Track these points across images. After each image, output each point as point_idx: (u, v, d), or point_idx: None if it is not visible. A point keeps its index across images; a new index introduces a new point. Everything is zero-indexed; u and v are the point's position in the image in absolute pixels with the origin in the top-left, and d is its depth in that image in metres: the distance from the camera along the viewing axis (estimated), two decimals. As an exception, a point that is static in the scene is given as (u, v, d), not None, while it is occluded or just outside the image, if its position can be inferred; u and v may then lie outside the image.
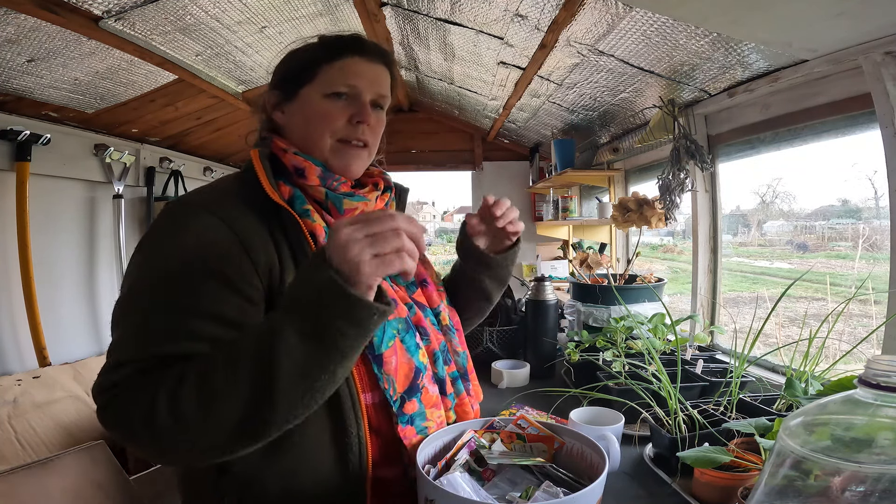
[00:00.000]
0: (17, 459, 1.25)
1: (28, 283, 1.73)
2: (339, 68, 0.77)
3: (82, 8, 1.25)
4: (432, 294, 0.86)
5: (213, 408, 0.55)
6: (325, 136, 0.77)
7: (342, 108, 0.78)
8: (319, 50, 0.79)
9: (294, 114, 0.80)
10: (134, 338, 0.62)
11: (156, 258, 0.66)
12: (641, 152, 2.11)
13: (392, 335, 0.72)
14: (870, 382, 0.41)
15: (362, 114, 0.78)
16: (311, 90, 0.78)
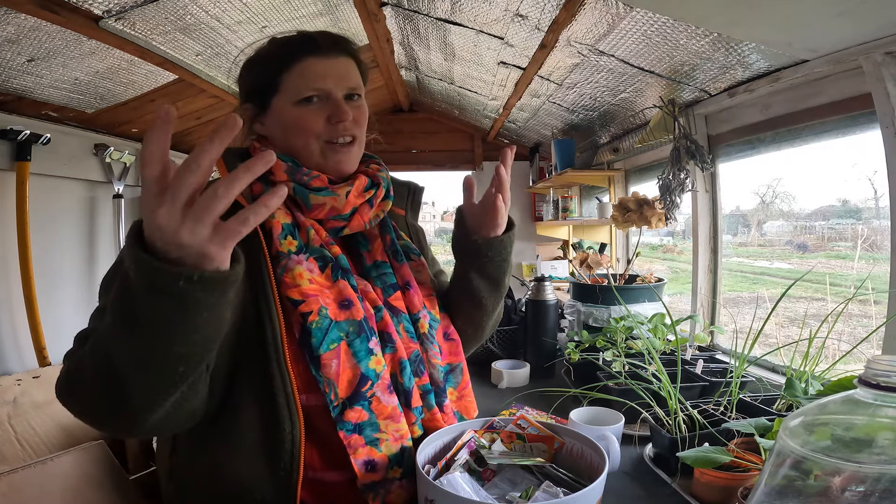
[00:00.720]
0: (17, 459, 1.25)
1: (28, 283, 1.73)
2: (300, 73, 0.76)
3: (82, 8, 1.25)
4: (413, 298, 0.82)
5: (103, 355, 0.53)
6: (310, 142, 0.77)
7: (316, 111, 0.76)
8: (273, 59, 0.78)
9: (272, 125, 0.79)
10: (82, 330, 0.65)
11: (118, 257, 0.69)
12: (641, 152, 2.11)
13: (337, 337, 0.69)
14: (870, 382, 0.41)
15: (338, 114, 0.76)
16: (280, 100, 0.77)
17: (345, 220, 0.78)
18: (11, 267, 1.73)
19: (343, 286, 0.74)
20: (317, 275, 0.73)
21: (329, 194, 0.76)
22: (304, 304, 0.69)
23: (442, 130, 3.63)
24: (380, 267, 0.83)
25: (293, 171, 0.75)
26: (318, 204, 0.76)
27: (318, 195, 0.75)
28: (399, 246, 0.86)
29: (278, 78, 0.76)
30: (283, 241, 0.72)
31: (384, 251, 0.84)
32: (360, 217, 0.80)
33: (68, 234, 2.06)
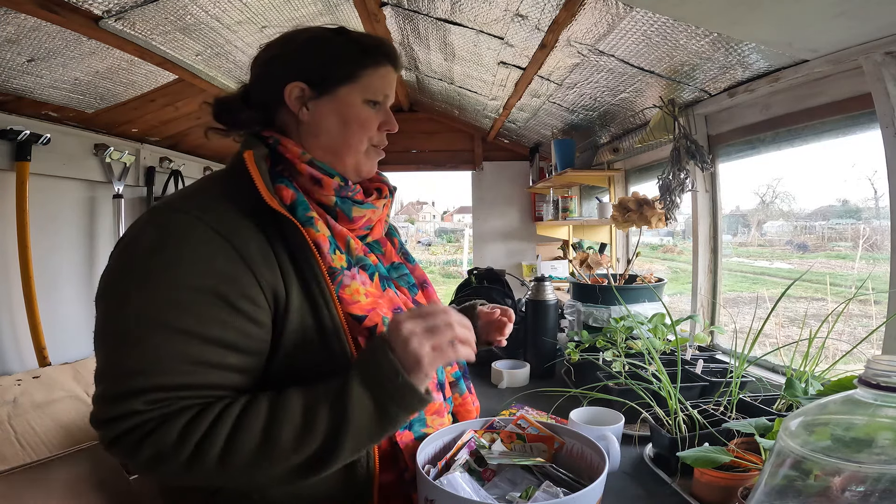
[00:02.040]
0: (17, 459, 1.25)
1: (28, 283, 1.73)
2: (381, 76, 0.78)
3: (82, 8, 1.25)
4: (432, 295, 0.88)
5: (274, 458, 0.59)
6: (363, 142, 0.78)
7: (375, 115, 0.79)
8: (360, 52, 0.77)
9: (327, 113, 0.76)
10: (137, 367, 0.59)
11: (153, 278, 0.61)
12: (641, 152, 2.11)
13: None
14: (870, 382, 0.41)
15: (391, 124, 0.80)
16: (351, 91, 0.76)
17: (369, 229, 0.81)
18: (11, 267, 1.73)
19: (392, 294, 0.78)
20: (369, 286, 0.74)
21: (370, 207, 0.78)
22: (367, 318, 0.69)
23: (442, 130, 3.62)
24: (398, 268, 0.87)
25: (341, 189, 0.75)
26: (359, 216, 0.77)
27: (362, 208, 0.77)
28: (406, 248, 0.92)
29: (361, 71, 0.76)
30: (333, 255, 0.70)
31: (397, 253, 0.89)
32: (380, 225, 0.84)
33: (68, 234, 2.06)
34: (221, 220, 0.64)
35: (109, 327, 0.62)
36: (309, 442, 0.59)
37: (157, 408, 0.58)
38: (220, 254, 0.62)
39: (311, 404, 0.61)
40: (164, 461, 0.58)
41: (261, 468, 0.59)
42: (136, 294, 0.61)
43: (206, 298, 0.61)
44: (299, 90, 0.74)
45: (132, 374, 0.58)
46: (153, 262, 0.62)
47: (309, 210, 0.71)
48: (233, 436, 0.58)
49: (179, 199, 0.68)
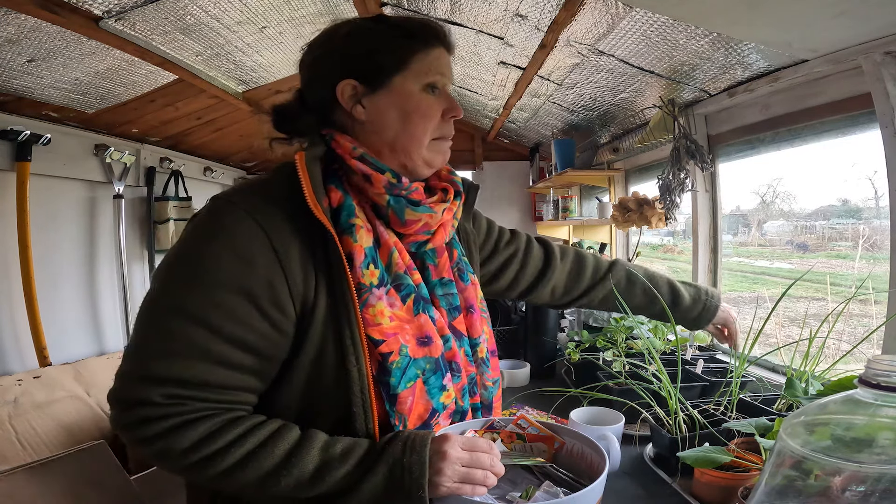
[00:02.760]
0: (17, 459, 1.25)
1: (28, 283, 1.73)
2: (434, 58, 0.72)
3: (82, 8, 1.25)
4: (475, 323, 0.80)
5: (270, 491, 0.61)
6: (427, 133, 0.72)
7: (436, 102, 0.72)
8: (406, 37, 0.71)
9: (385, 107, 0.71)
10: (162, 354, 0.60)
11: (193, 264, 0.63)
12: (641, 152, 2.11)
13: (414, 375, 0.68)
14: (870, 382, 0.41)
15: (455, 109, 0.74)
16: (405, 79, 0.70)
17: (430, 234, 0.75)
18: (12, 267, 1.73)
19: (424, 321, 0.71)
20: (398, 308, 0.69)
21: (427, 210, 0.71)
22: (384, 343, 0.66)
23: (442, 130, 3.62)
24: (446, 285, 0.79)
25: (393, 187, 0.70)
26: (414, 219, 0.71)
27: (416, 210, 0.71)
28: (464, 263, 0.83)
29: (411, 57, 0.70)
30: (365, 270, 0.67)
31: (451, 268, 0.80)
32: (444, 231, 0.76)
33: (68, 234, 2.06)
34: (269, 221, 0.64)
35: (149, 308, 0.63)
36: (309, 492, 0.62)
37: (172, 404, 0.59)
38: (261, 256, 0.63)
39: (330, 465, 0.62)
40: (167, 460, 0.60)
41: (253, 491, 0.62)
42: (178, 282, 0.63)
43: (238, 299, 0.61)
44: (351, 88, 0.71)
45: (155, 359, 0.60)
46: (200, 253, 0.63)
47: (353, 216, 0.68)
48: (241, 463, 0.60)
49: (238, 192, 0.68)
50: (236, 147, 2.90)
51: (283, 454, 0.61)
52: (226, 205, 0.65)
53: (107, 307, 2.22)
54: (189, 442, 0.59)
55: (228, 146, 2.83)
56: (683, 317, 1.10)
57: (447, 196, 0.76)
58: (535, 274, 1.05)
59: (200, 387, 0.61)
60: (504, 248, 1.03)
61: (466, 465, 0.63)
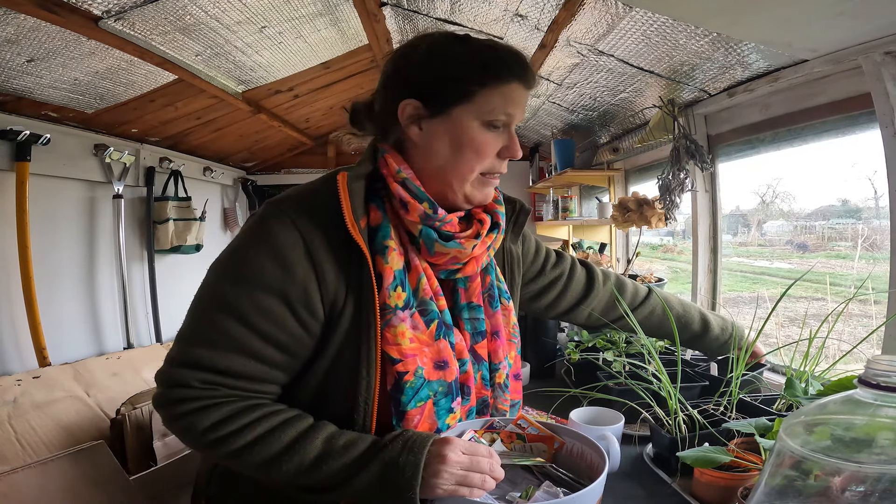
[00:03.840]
0: (17, 460, 1.25)
1: (28, 283, 1.73)
2: (503, 95, 0.69)
3: (82, 8, 1.25)
4: (498, 350, 0.81)
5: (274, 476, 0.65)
6: (476, 168, 0.71)
7: (495, 139, 0.71)
8: (481, 68, 0.69)
9: (439, 135, 0.70)
10: (204, 343, 0.66)
11: (240, 265, 0.68)
12: (641, 152, 2.11)
13: (426, 396, 0.71)
14: (870, 382, 0.41)
15: (513, 151, 0.73)
16: (466, 112, 0.69)
17: (461, 265, 0.75)
18: (11, 267, 1.73)
19: (443, 347, 0.73)
20: (420, 331, 0.71)
21: (456, 245, 0.72)
22: (401, 363, 0.69)
23: (442, 130, 3.62)
24: (474, 310, 0.80)
25: (427, 217, 0.70)
26: (441, 252, 0.72)
27: (446, 245, 0.71)
28: (496, 290, 0.83)
29: (479, 89, 0.69)
30: (392, 292, 0.69)
31: (481, 293, 0.81)
32: (475, 262, 0.77)
33: (68, 234, 2.06)
34: (311, 232, 0.68)
35: (200, 299, 0.69)
36: (306, 480, 0.65)
37: (206, 390, 0.65)
38: (300, 264, 0.67)
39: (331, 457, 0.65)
40: (188, 436, 0.66)
41: (259, 473, 0.66)
42: (225, 279, 0.68)
43: (276, 302, 0.66)
44: (413, 108, 0.70)
45: (198, 347, 0.66)
46: (247, 254, 0.68)
47: (388, 237, 0.70)
48: (250, 447, 0.64)
49: (288, 199, 0.71)
50: (236, 147, 2.90)
51: (289, 440, 0.64)
52: (275, 211, 0.69)
53: (106, 307, 2.22)
54: (209, 422, 0.64)
55: (228, 146, 2.83)
56: (711, 344, 1.14)
57: (482, 229, 0.75)
58: (576, 298, 1.07)
59: (233, 376, 0.66)
60: (550, 270, 1.04)
61: (465, 468, 0.63)
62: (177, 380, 0.66)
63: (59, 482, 0.90)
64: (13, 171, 1.69)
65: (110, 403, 1.63)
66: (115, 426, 1.50)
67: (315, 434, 0.65)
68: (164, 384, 0.67)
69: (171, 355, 0.68)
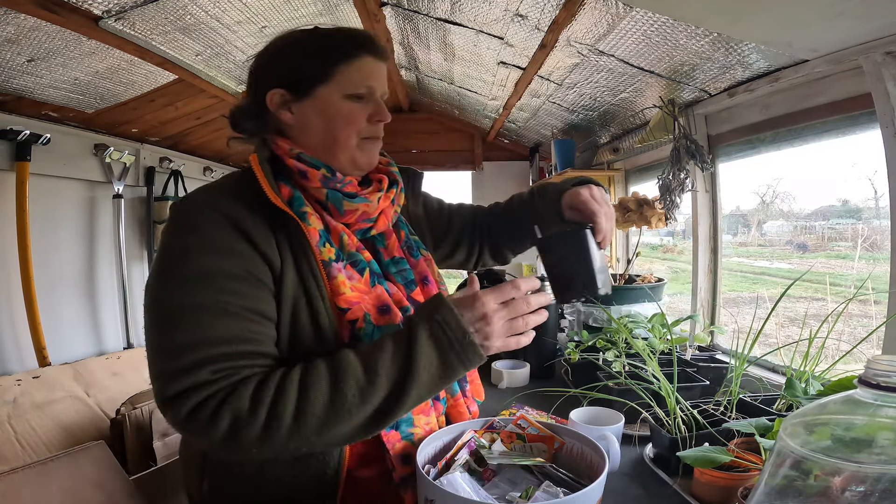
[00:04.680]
0: (17, 460, 1.25)
1: (28, 283, 1.73)
2: (357, 69, 0.77)
3: (82, 8, 1.25)
4: (431, 292, 0.85)
5: (342, 414, 0.63)
6: (352, 136, 0.78)
7: (362, 108, 0.78)
8: (334, 49, 0.77)
9: (309, 114, 0.78)
10: (199, 341, 0.63)
11: (178, 266, 0.67)
12: (641, 152, 2.11)
13: None
14: (870, 382, 0.41)
15: (382, 114, 0.79)
16: (328, 90, 0.76)
17: (372, 221, 0.81)
18: (11, 267, 1.73)
19: (380, 291, 0.76)
20: (356, 281, 0.75)
21: (362, 200, 0.77)
22: (350, 311, 0.71)
23: (442, 130, 3.62)
24: (398, 263, 0.85)
25: (328, 180, 0.76)
26: (351, 210, 0.77)
27: (353, 202, 0.77)
28: (413, 241, 0.89)
29: (334, 69, 0.76)
30: (322, 248, 0.73)
31: (400, 247, 0.87)
32: (385, 217, 0.83)
33: (68, 234, 2.06)
34: (230, 209, 0.70)
35: (155, 317, 0.67)
36: (373, 395, 0.63)
37: (223, 376, 0.63)
38: (233, 239, 0.69)
39: (372, 356, 0.65)
40: (242, 428, 0.61)
41: (329, 426, 0.62)
42: (171, 286, 0.67)
43: (228, 280, 0.67)
44: (279, 96, 0.77)
45: (194, 347, 0.63)
46: (181, 254, 0.68)
47: (304, 205, 0.74)
48: (302, 395, 0.62)
49: (197, 192, 0.75)
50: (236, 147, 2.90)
51: (326, 371, 0.64)
52: (187, 206, 0.72)
53: (106, 307, 2.22)
54: (247, 398, 0.61)
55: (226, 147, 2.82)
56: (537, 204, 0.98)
57: (382, 185, 0.82)
58: (483, 234, 1.08)
59: (242, 357, 0.65)
60: (456, 220, 1.07)
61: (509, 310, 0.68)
62: (188, 384, 0.62)
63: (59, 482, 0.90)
64: (13, 170, 1.69)
65: (110, 403, 1.63)
66: (115, 426, 1.50)
67: (344, 354, 0.65)
68: (175, 401, 0.62)
69: (161, 371, 0.64)
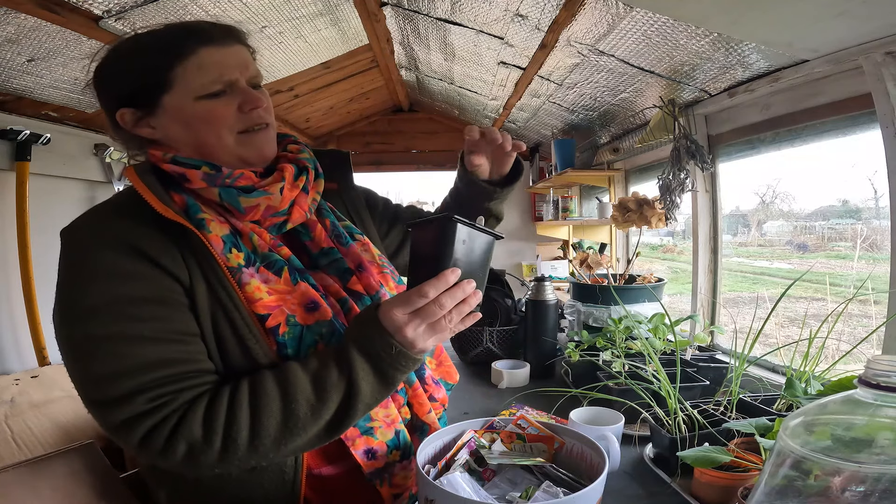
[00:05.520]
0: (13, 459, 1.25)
1: (28, 283, 1.73)
2: (197, 66, 0.68)
3: (82, 7, 1.25)
4: (369, 279, 0.79)
5: (296, 431, 0.62)
6: (223, 134, 0.70)
7: (224, 103, 0.70)
8: (158, 53, 0.68)
9: (168, 125, 0.70)
10: (125, 371, 0.59)
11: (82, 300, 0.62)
12: (641, 152, 2.11)
13: (313, 342, 0.69)
14: (870, 382, 0.41)
15: (251, 100, 0.71)
16: (174, 98, 0.68)
17: (284, 214, 0.73)
18: (11, 267, 1.73)
19: (305, 288, 0.71)
20: (274, 282, 0.69)
21: (262, 194, 0.70)
22: (270, 317, 0.67)
23: (442, 130, 3.63)
24: (328, 254, 0.79)
25: (213, 178, 0.68)
26: (251, 206, 0.70)
27: (250, 197, 0.69)
28: (341, 228, 0.83)
29: (168, 74, 0.67)
30: (228, 255, 0.67)
31: (328, 237, 0.80)
32: (300, 208, 0.75)
33: (68, 233, 2.06)
34: (122, 229, 0.64)
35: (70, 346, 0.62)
36: (324, 412, 0.63)
37: (162, 403, 0.60)
38: (128, 259, 0.63)
39: (319, 374, 0.64)
40: (199, 454, 0.60)
41: (285, 442, 0.62)
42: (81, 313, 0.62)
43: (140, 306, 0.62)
44: (129, 114, 0.70)
45: (117, 378, 0.59)
46: (80, 280, 0.63)
47: (200, 211, 0.68)
48: (255, 419, 0.61)
49: (84, 216, 0.68)
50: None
51: (275, 388, 0.62)
52: (75, 233, 0.66)
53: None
54: (199, 425, 0.59)
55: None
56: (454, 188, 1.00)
57: (284, 174, 0.74)
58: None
59: (172, 381, 0.61)
60: (396, 220, 1.03)
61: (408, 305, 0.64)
62: (125, 416, 0.58)
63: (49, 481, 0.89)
64: (13, 170, 1.69)
65: (110, 403, 1.63)
66: (115, 426, 1.49)
67: (290, 370, 0.63)
68: (119, 431, 0.59)
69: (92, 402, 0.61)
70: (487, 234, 0.70)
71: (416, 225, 0.71)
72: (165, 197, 0.66)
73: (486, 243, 0.71)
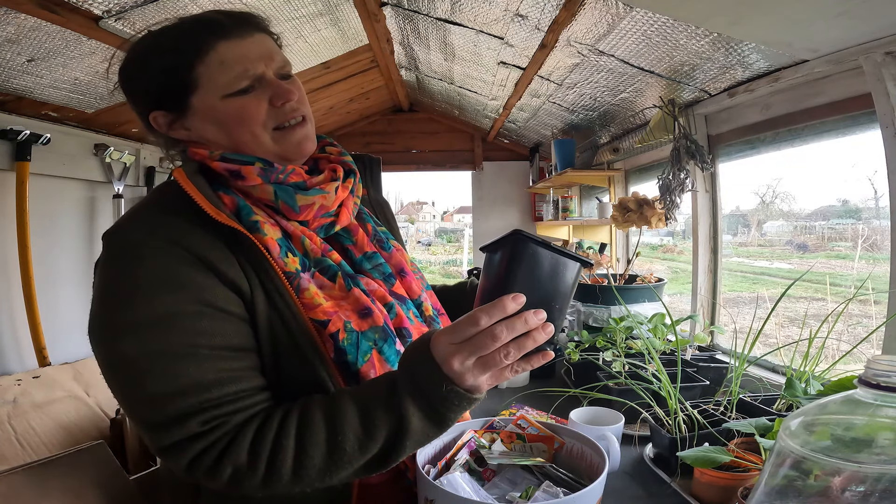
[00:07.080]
0: (16, 459, 1.25)
1: (28, 283, 1.73)
2: (218, 63, 0.65)
3: (82, 7, 1.25)
4: (411, 284, 0.79)
5: (341, 464, 0.58)
6: (257, 132, 0.67)
7: (254, 99, 0.67)
8: (179, 52, 0.66)
9: (201, 127, 0.68)
10: (181, 391, 0.57)
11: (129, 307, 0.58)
12: (641, 152, 2.11)
13: (368, 348, 0.67)
14: (870, 382, 0.41)
15: (281, 95, 0.68)
16: (203, 97, 0.66)
17: (332, 216, 0.72)
18: (11, 267, 1.73)
19: (358, 294, 0.69)
20: (329, 288, 0.68)
21: (319, 192, 0.68)
22: (330, 323, 0.64)
23: (442, 130, 3.63)
24: (372, 258, 0.77)
25: (268, 173, 0.66)
26: (307, 204, 0.68)
27: (308, 195, 0.67)
28: (381, 233, 0.82)
29: (190, 74, 0.65)
30: (285, 259, 0.65)
31: (370, 241, 0.79)
32: (347, 210, 0.74)
33: (68, 234, 2.06)
34: (178, 232, 0.61)
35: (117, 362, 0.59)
36: (371, 446, 0.59)
37: (216, 426, 0.57)
38: (186, 266, 0.60)
39: (367, 410, 0.59)
40: (244, 479, 0.58)
41: (330, 473, 0.59)
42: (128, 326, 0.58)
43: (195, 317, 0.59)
44: (162, 117, 0.68)
45: (172, 398, 0.56)
46: (130, 289, 0.59)
47: (253, 214, 0.65)
48: (300, 449, 0.58)
49: (132, 216, 0.65)
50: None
51: (323, 421, 0.59)
52: (126, 236, 0.62)
53: (106, 307, 2.22)
54: (245, 452, 0.57)
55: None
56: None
57: (337, 174, 0.72)
58: None
59: (228, 402, 0.58)
60: None
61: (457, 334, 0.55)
62: (179, 437, 0.56)
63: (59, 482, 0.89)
64: (13, 170, 1.69)
65: (110, 403, 1.63)
66: (115, 426, 1.50)
67: (339, 403, 0.59)
68: (169, 453, 0.57)
69: (145, 423, 0.58)
70: (568, 258, 0.58)
71: (486, 247, 0.63)
72: (215, 199, 0.64)
73: (566, 269, 0.58)
